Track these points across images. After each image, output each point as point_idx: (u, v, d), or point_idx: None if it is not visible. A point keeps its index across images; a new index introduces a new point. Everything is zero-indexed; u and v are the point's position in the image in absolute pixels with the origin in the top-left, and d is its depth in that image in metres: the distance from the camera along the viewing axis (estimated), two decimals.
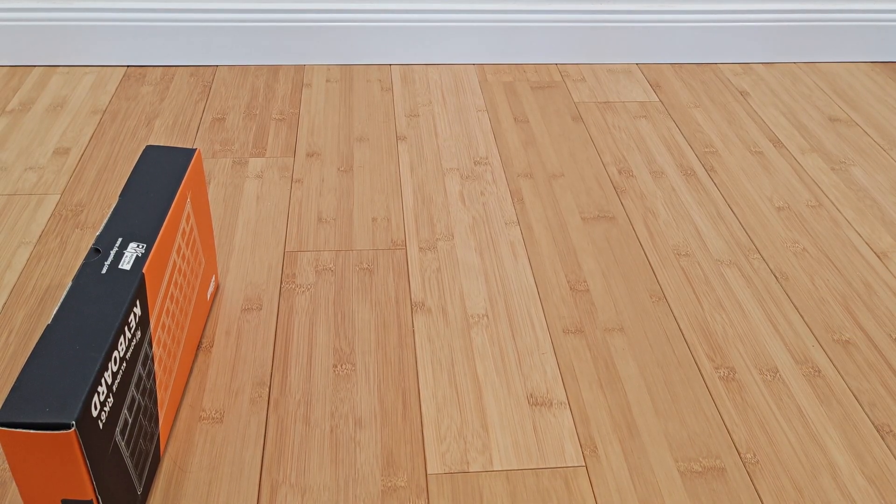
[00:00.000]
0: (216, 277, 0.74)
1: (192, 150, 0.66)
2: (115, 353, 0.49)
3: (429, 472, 0.59)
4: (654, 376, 0.68)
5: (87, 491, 0.47)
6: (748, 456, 0.61)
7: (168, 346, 0.59)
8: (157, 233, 0.57)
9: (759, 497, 0.58)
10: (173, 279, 0.60)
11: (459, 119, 1.03)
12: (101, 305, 0.51)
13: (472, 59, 1.17)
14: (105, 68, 1.12)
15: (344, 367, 0.67)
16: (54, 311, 0.50)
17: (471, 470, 0.59)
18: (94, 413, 0.46)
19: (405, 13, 1.13)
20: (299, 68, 1.14)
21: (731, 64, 1.20)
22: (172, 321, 0.60)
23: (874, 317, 0.75)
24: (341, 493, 0.57)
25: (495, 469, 0.59)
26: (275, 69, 1.13)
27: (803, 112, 1.08)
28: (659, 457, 0.61)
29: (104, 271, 0.53)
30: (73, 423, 0.44)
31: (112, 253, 0.55)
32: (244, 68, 1.13)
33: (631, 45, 1.18)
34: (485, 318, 0.73)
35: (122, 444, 0.51)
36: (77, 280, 0.52)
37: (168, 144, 0.96)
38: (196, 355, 0.68)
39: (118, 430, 0.50)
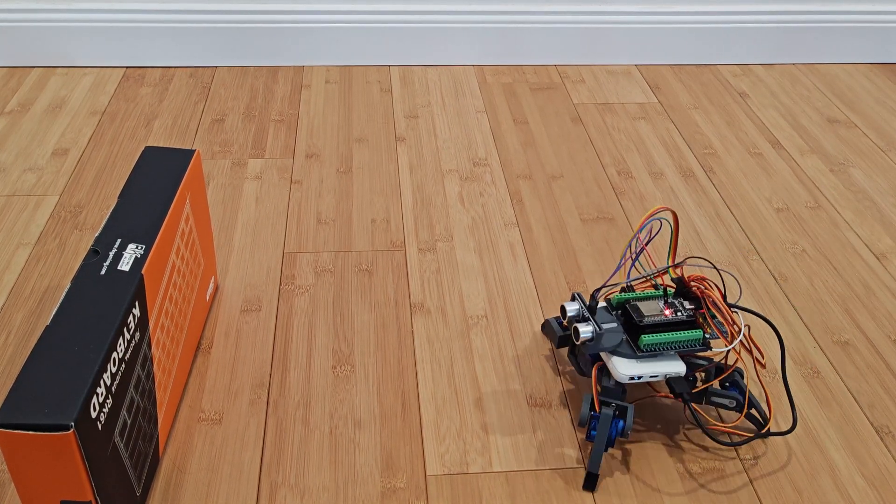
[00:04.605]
0: (215, 278, 0.73)
1: (192, 152, 0.66)
2: (114, 355, 0.49)
3: (428, 473, 0.59)
4: None
5: (86, 492, 0.47)
6: (747, 457, 0.61)
7: (167, 347, 0.59)
8: (157, 234, 0.57)
9: (759, 498, 0.58)
10: (172, 280, 0.60)
11: (459, 120, 1.03)
12: (100, 306, 0.51)
13: (471, 60, 1.17)
14: (104, 69, 1.12)
15: (343, 368, 0.67)
16: (53, 312, 0.50)
17: (470, 471, 0.59)
18: (93, 414, 0.46)
19: (404, 14, 1.13)
20: (298, 69, 1.14)
21: (731, 65, 1.20)
22: (171, 322, 0.60)
23: (873, 318, 0.75)
24: (340, 494, 0.57)
25: (495, 470, 0.59)
26: (274, 70, 1.13)
27: (802, 113, 1.08)
28: (658, 458, 0.61)
29: (103, 272, 0.53)
30: (72, 424, 0.44)
31: (111, 254, 0.55)
32: (243, 69, 1.13)
33: (630, 46, 1.18)
34: (484, 319, 0.73)
35: (121, 445, 0.51)
36: (76, 281, 0.52)
37: (167, 145, 0.96)
38: (195, 356, 0.68)
39: (117, 431, 0.50)
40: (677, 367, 0.59)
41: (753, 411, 0.62)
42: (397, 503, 0.57)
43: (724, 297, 0.60)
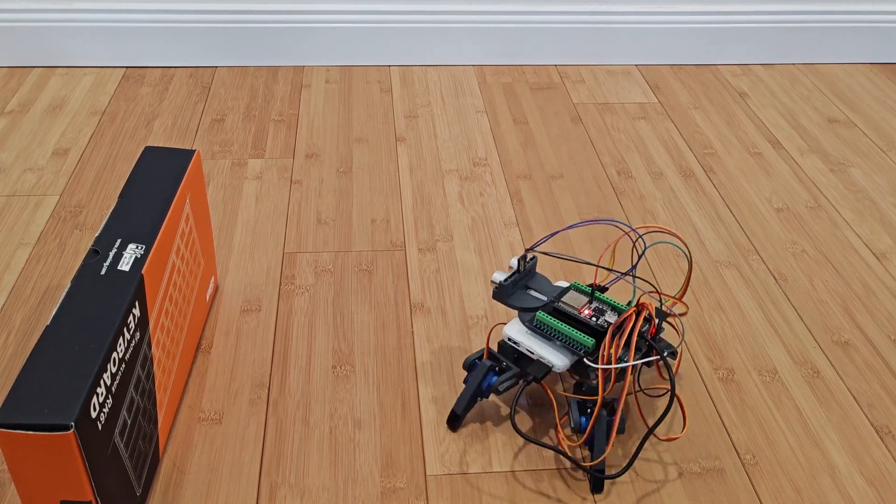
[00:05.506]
0: (215, 279, 0.74)
1: (192, 152, 0.66)
2: (114, 355, 0.49)
3: (428, 473, 0.59)
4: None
5: (86, 492, 0.47)
6: (747, 457, 0.61)
7: (167, 347, 0.59)
8: (157, 234, 0.57)
9: (759, 498, 0.58)
10: (172, 280, 0.60)
11: (458, 120, 1.03)
12: (100, 306, 0.51)
13: (471, 60, 1.17)
14: (104, 69, 1.12)
15: (343, 368, 0.67)
16: (53, 312, 0.50)
17: (470, 471, 0.59)
18: (94, 414, 0.46)
19: (404, 14, 1.13)
20: (298, 69, 1.14)
21: (730, 65, 1.20)
22: (171, 322, 0.60)
23: (873, 318, 0.75)
24: (340, 494, 0.57)
25: (494, 470, 0.59)
26: (274, 70, 1.13)
27: (802, 113, 1.08)
28: (659, 457, 0.61)
29: (103, 272, 0.53)
30: (72, 424, 0.44)
31: (111, 254, 0.55)
32: (243, 69, 1.13)
33: (630, 46, 1.18)
34: (484, 318, 0.73)
35: (121, 445, 0.51)
36: (76, 281, 0.52)
37: (167, 145, 0.96)
38: (195, 356, 0.68)
39: (117, 431, 0.50)
40: (554, 359, 0.59)
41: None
42: (397, 503, 0.57)
43: (655, 333, 0.58)
